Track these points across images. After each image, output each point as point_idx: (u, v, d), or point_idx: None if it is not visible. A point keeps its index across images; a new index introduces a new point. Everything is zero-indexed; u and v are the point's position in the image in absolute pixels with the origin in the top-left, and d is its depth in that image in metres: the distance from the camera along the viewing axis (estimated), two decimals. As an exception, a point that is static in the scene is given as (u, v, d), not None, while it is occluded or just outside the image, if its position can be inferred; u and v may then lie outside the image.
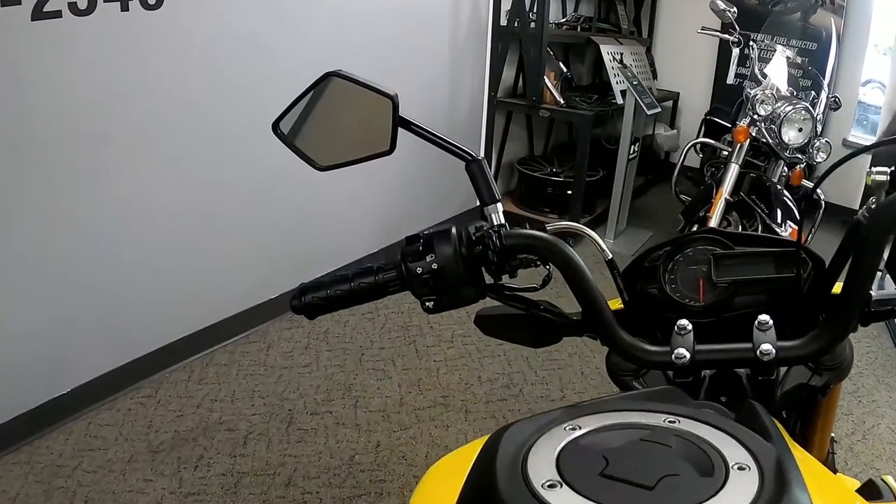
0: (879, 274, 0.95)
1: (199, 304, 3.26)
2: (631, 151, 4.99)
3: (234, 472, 2.66)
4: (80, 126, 2.58)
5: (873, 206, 0.91)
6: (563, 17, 5.71)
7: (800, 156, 4.25)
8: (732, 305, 1.03)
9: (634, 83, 4.94)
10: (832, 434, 1.31)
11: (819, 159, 4.30)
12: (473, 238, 0.97)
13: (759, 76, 4.43)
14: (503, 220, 1.00)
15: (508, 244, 0.95)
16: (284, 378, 3.22)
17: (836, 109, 5.01)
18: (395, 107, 1.02)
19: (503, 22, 4.84)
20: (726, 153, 4.47)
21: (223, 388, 3.11)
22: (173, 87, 2.86)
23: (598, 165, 5.37)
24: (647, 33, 7.06)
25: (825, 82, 4.82)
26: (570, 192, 5.04)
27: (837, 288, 0.99)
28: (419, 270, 0.93)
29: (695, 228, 4.26)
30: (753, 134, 4.16)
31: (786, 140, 4.12)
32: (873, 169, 0.84)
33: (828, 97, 4.72)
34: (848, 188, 6.47)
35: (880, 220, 0.83)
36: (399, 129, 1.04)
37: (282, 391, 3.13)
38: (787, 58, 4.64)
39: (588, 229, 1.12)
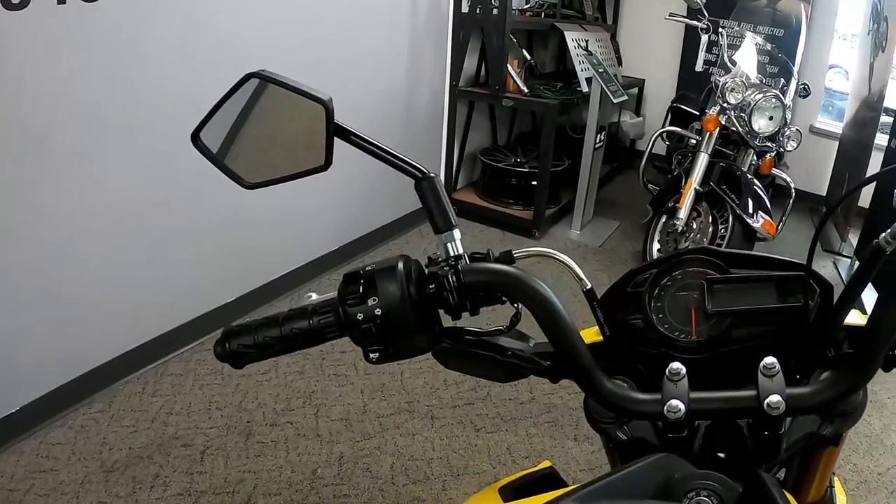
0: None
1: (153, 311, 3.11)
2: (597, 140, 4.92)
3: (192, 491, 2.53)
4: (14, 127, 2.42)
5: None
6: (527, 4, 5.60)
7: (770, 144, 4.25)
8: (729, 339, 0.88)
9: (600, 70, 4.86)
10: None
11: (790, 147, 4.29)
12: (426, 273, 0.84)
13: (729, 63, 4.40)
14: (461, 250, 0.87)
15: (467, 281, 0.81)
16: (242, 387, 3.09)
17: (805, 97, 5.01)
18: (329, 113, 0.86)
19: (465, 9, 4.74)
20: (694, 142, 4.43)
21: (179, 399, 2.98)
22: (114, 83, 2.70)
23: (563, 155, 5.31)
24: (612, 19, 7.04)
25: (794, 69, 4.76)
26: (534, 182, 4.94)
27: (854, 318, 0.88)
28: (360, 317, 0.79)
29: (686, 247, 4.19)
30: (723, 122, 4.15)
31: (756, 128, 4.11)
32: None
33: (797, 84, 4.68)
34: (815, 175, 6.50)
35: None
36: (340, 139, 0.89)
37: (239, 401, 3.01)
38: (757, 44, 4.59)
39: (563, 256, 0.94)
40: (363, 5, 3.82)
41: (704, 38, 4.74)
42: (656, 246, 4.33)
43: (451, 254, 0.86)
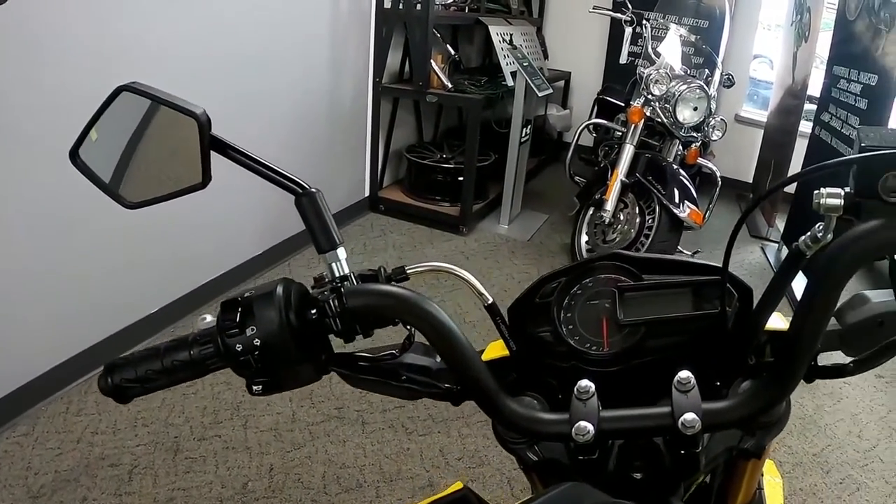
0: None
1: (75, 326, 2.99)
2: (523, 134, 4.90)
3: (121, 513, 2.46)
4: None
5: (820, 233, 0.72)
6: (451, -2, 5.54)
7: (695, 134, 4.30)
8: (644, 350, 0.83)
9: (525, 64, 4.83)
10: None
11: (715, 137, 4.35)
12: (310, 297, 0.77)
13: (653, 55, 4.43)
14: (347, 270, 0.81)
15: (352, 305, 0.75)
16: (168, 401, 2.99)
17: (729, 87, 5.06)
18: (202, 127, 0.79)
19: (387, 5, 4.67)
20: (620, 133, 4.44)
21: (104, 417, 2.87)
22: (23, 88, 2.58)
23: (489, 149, 5.29)
24: (537, 13, 7.06)
25: (718, 60, 4.80)
26: (461, 178, 4.91)
27: (775, 323, 0.84)
28: (238, 347, 0.72)
29: (614, 239, 4.22)
30: (648, 114, 4.18)
31: (681, 119, 4.15)
32: (824, 190, 0.65)
33: (721, 75, 4.72)
34: (741, 162, 6.59)
35: (843, 260, 0.66)
36: (218, 154, 0.82)
37: (166, 416, 2.91)
38: (681, 36, 4.61)
39: (461, 270, 0.89)
40: (282, 3, 3.74)
41: (628, 30, 4.76)
42: (584, 238, 4.33)
43: (336, 274, 0.81)
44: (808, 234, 0.73)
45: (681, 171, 4.16)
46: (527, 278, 0.98)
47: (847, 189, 0.66)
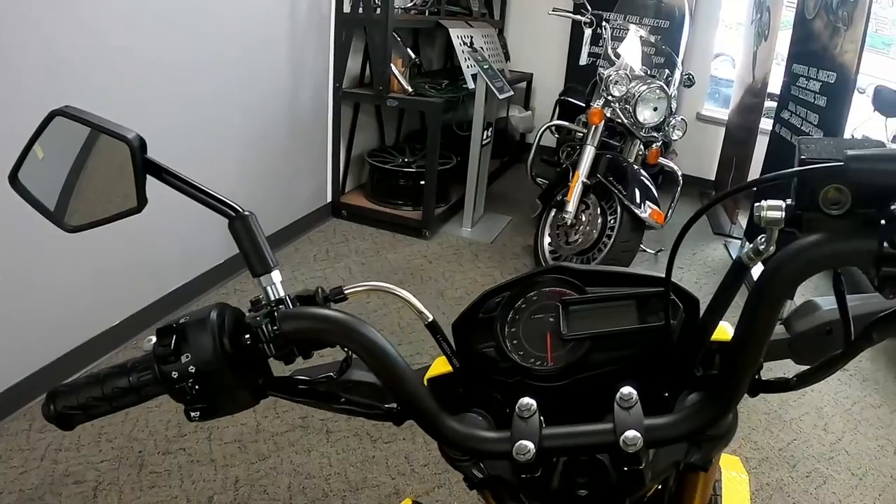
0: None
1: (36, 340, 2.93)
2: (484, 137, 4.89)
3: (87, 532, 2.41)
4: None
5: (762, 246, 0.71)
6: (411, 2, 5.53)
7: (656, 134, 4.32)
8: (589, 364, 0.81)
9: (485, 67, 4.82)
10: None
11: (675, 136, 4.36)
12: (246, 322, 0.76)
13: (613, 56, 4.44)
14: (282, 293, 0.79)
15: (286, 329, 0.74)
16: (132, 416, 2.94)
17: (689, 86, 5.09)
18: (135, 151, 0.78)
19: (347, 9, 4.65)
20: (581, 135, 4.44)
21: (67, 434, 2.81)
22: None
23: (451, 152, 5.29)
24: (499, 15, 7.06)
25: (678, 60, 4.82)
26: (423, 182, 4.89)
27: (722, 334, 0.82)
28: (174, 374, 0.72)
29: (577, 240, 4.22)
30: (608, 115, 4.20)
31: (641, 120, 4.17)
32: (765, 203, 0.64)
33: (681, 74, 4.75)
34: (704, 160, 6.63)
35: (783, 274, 0.65)
36: (153, 177, 0.81)
37: (130, 431, 2.86)
38: (641, 37, 4.64)
39: (400, 290, 0.88)
40: (240, 9, 3.69)
41: (588, 32, 4.77)
42: (547, 240, 4.33)
43: (272, 298, 0.79)
44: (751, 246, 0.73)
45: (642, 171, 4.17)
46: (490, 281, 0.98)
47: (789, 201, 0.65)
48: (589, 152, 4.13)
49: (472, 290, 4.08)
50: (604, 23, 4.64)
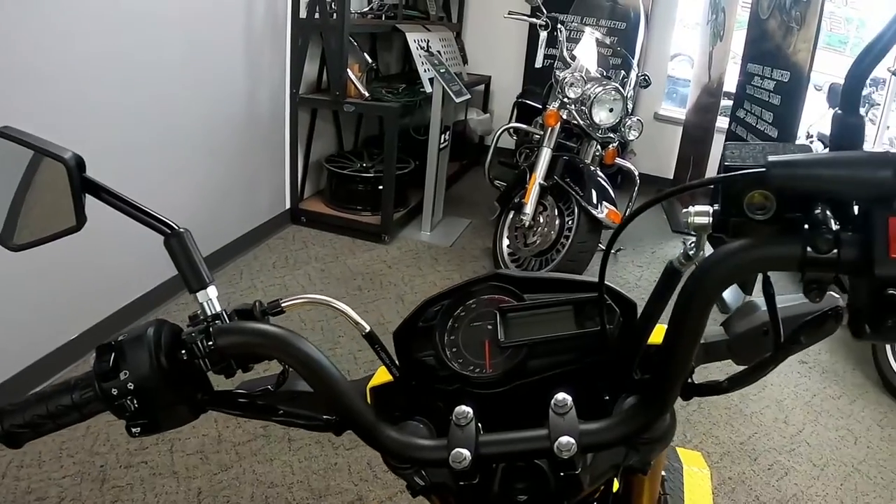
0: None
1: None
2: (441, 140, 4.88)
3: (49, 549, 2.38)
4: None
5: (692, 251, 0.72)
6: (367, 6, 5.52)
7: (612, 135, 4.35)
8: (527, 371, 0.82)
9: (441, 71, 4.82)
10: (662, 473, 1.20)
11: (631, 137, 4.40)
12: (182, 338, 0.76)
13: (568, 58, 4.46)
14: (218, 309, 0.80)
15: (222, 344, 0.75)
16: (93, 430, 2.90)
17: (646, 87, 5.13)
18: (72, 171, 0.79)
19: (303, 14, 4.62)
20: (538, 136, 4.45)
21: (28, 450, 2.76)
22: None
23: (409, 156, 5.29)
24: (456, 18, 7.07)
25: (634, 61, 4.86)
26: (381, 187, 4.87)
27: (658, 336, 0.81)
28: (114, 391, 0.73)
29: (535, 242, 4.22)
30: (564, 117, 4.21)
31: (597, 121, 4.20)
32: (692, 209, 0.64)
33: (637, 75, 4.78)
34: (662, 159, 6.68)
35: (710, 279, 0.65)
36: (99, 197, 0.82)
37: (91, 445, 2.82)
38: (597, 39, 4.67)
39: (337, 302, 0.89)
40: (194, 14, 3.65)
41: (543, 34, 4.78)
42: (506, 242, 4.34)
43: (208, 313, 0.80)
44: (682, 251, 0.74)
45: (598, 171, 4.20)
46: (449, 284, 0.98)
47: (716, 207, 0.66)
48: (545, 154, 4.15)
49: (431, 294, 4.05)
50: (559, 25, 4.64)
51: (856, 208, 0.60)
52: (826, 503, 2.87)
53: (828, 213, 0.59)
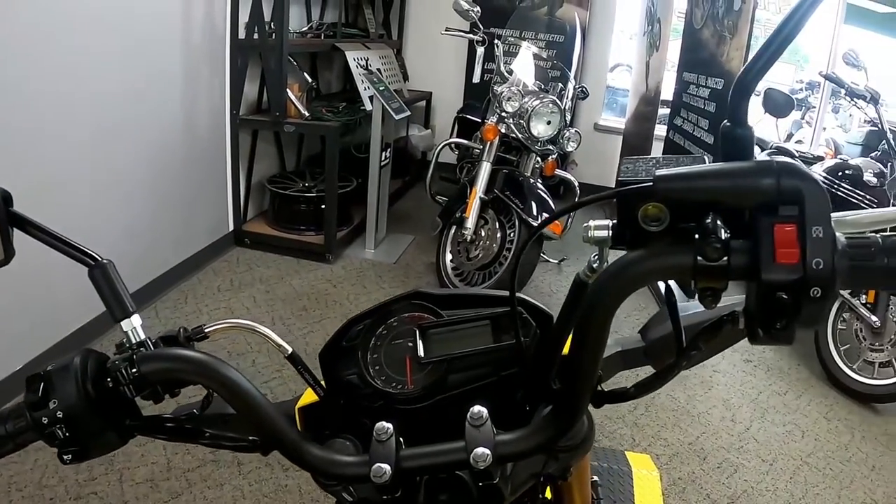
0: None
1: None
2: (382, 157, 4.90)
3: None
4: None
5: (595, 263, 0.75)
6: (307, 26, 5.53)
7: (551, 147, 4.39)
8: (447, 386, 0.84)
9: (381, 88, 4.83)
10: (594, 478, 1.22)
11: (570, 148, 4.46)
12: (108, 366, 0.78)
13: (505, 73, 4.50)
14: (142, 336, 0.82)
15: (146, 371, 0.76)
16: (40, 462, 2.83)
17: (584, 98, 5.21)
18: None
19: (241, 35, 4.60)
20: (479, 151, 4.48)
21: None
22: None
23: (351, 174, 5.28)
24: (397, 35, 7.10)
25: (571, 74, 4.91)
26: (324, 206, 4.86)
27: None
28: (44, 420, 0.74)
29: (477, 255, 4.26)
30: (503, 130, 4.25)
31: (535, 134, 4.24)
32: (591, 223, 0.66)
33: (575, 88, 4.83)
34: (604, 169, 6.76)
35: (607, 291, 0.67)
36: (25, 230, 0.84)
37: (39, 478, 2.76)
38: (534, 52, 4.72)
39: (260, 326, 0.91)
40: (127, 41, 3.59)
41: (480, 50, 4.82)
42: (449, 257, 4.35)
43: (133, 341, 0.82)
44: (586, 265, 0.76)
45: (538, 184, 4.25)
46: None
47: (614, 222, 0.68)
48: (485, 168, 4.17)
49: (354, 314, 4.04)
50: (496, 40, 4.68)
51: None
52: (776, 497, 2.91)
53: (718, 222, 0.61)
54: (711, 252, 0.59)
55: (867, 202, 3.96)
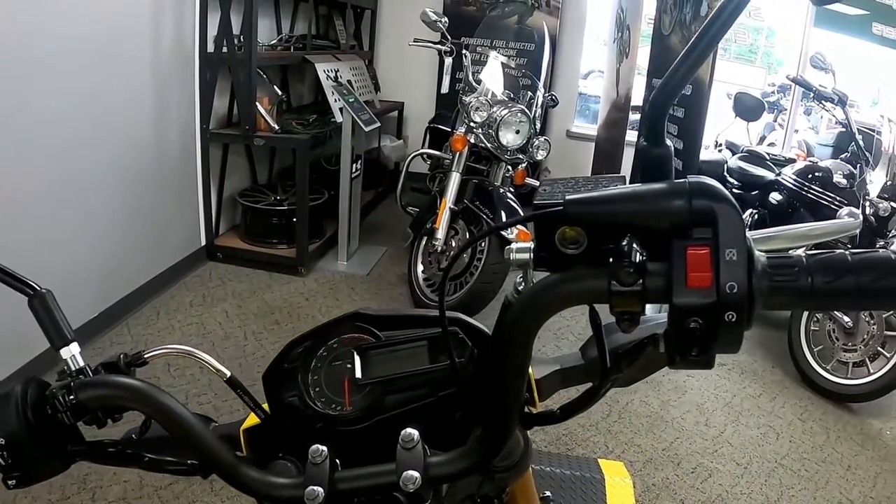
0: None
1: None
2: (353, 169, 4.89)
3: None
4: None
5: (520, 286, 0.73)
6: (276, 38, 5.52)
7: (521, 156, 4.39)
8: (386, 406, 0.85)
9: (351, 100, 4.83)
10: (546, 493, 1.23)
11: (539, 156, 4.46)
12: (46, 394, 0.78)
13: (474, 82, 4.50)
14: (81, 364, 0.83)
15: (84, 398, 0.77)
16: (11, 485, 2.82)
17: (553, 107, 5.21)
18: None
19: (210, 48, 4.58)
20: (448, 161, 4.48)
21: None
22: None
23: (323, 187, 5.27)
24: (368, 46, 7.10)
25: (540, 82, 4.92)
26: (295, 219, 4.84)
27: None
28: None
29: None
30: (472, 141, 4.24)
31: (504, 143, 4.25)
32: (514, 245, 0.67)
33: (544, 96, 4.84)
34: (574, 175, 6.72)
35: (524, 314, 0.67)
36: None
37: (13, 499, 2.74)
38: (502, 62, 4.73)
39: (199, 353, 0.92)
40: (98, 53, 3.56)
41: (448, 60, 4.83)
42: (420, 268, 4.35)
43: (73, 368, 0.83)
44: (513, 287, 0.75)
45: (508, 193, 4.26)
46: None
47: (535, 244, 0.67)
48: (455, 178, 4.19)
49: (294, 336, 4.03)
50: (464, 51, 4.68)
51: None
52: (751, 500, 2.92)
53: (635, 245, 0.60)
54: (624, 276, 0.59)
55: (837, 203, 3.99)
